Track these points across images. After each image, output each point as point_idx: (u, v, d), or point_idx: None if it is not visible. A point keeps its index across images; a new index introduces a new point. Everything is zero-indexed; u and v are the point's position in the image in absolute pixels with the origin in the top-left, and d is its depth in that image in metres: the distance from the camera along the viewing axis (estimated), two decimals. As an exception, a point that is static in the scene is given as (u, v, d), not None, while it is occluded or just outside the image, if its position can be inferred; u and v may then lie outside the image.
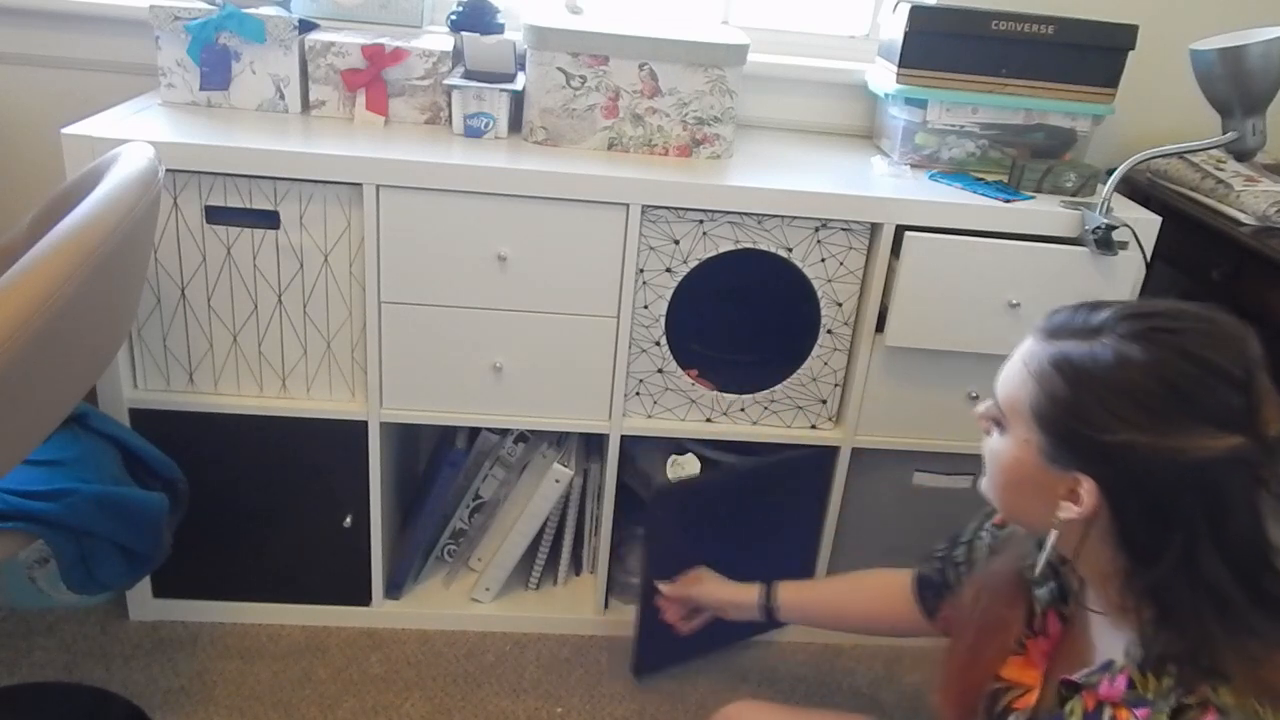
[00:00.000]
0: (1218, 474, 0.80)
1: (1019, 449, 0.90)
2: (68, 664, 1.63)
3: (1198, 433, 0.79)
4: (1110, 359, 0.82)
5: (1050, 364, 0.86)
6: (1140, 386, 0.81)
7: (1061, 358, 0.86)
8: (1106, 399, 0.82)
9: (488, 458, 1.78)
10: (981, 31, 1.63)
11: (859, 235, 1.56)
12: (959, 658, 1.07)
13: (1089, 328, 0.86)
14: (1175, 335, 0.82)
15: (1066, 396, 0.85)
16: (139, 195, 1.08)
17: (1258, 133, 1.44)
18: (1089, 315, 0.87)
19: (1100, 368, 0.83)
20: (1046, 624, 1.01)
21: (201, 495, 1.48)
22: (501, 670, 1.71)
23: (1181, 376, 0.80)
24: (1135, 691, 0.84)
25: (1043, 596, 1.02)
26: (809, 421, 1.70)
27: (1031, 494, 0.90)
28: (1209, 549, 0.81)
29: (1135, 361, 0.81)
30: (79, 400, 1.16)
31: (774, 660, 1.80)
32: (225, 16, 1.55)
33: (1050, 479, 0.87)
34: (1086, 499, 0.85)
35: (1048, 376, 0.86)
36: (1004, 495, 0.95)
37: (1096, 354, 0.83)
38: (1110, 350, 0.83)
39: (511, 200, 1.48)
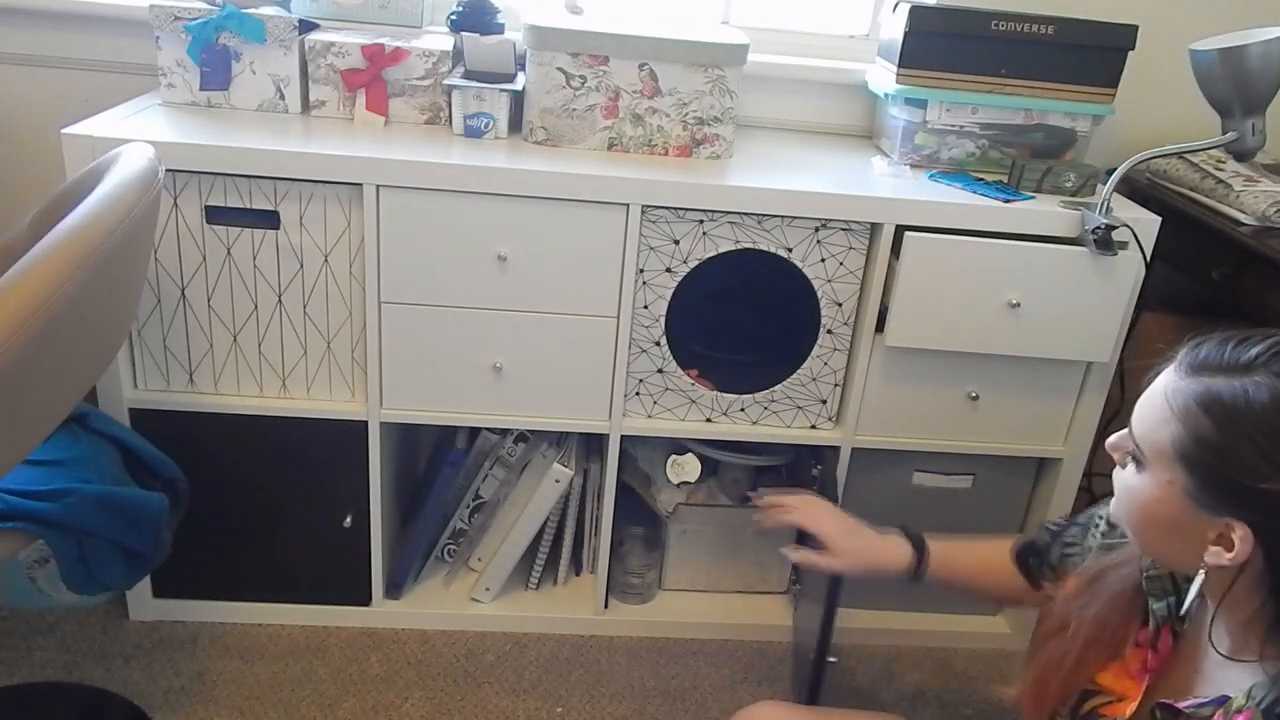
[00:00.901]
0: None
1: (1160, 490, 0.83)
2: (68, 664, 1.63)
3: None
4: (1266, 400, 0.76)
5: (1197, 403, 0.80)
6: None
7: (1210, 396, 0.79)
8: (1263, 444, 0.76)
9: (488, 458, 1.78)
10: (981, 31, 1.63)
11: (859, 235, 1.56)
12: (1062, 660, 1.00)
13: (1240, 364, 0.79)
14: None
15: (1216, 439, 0.78)
16: (139, 195, 1.08)
17: (1258, 133, 1.44)
18: (1239, 350, 0.80)
19: (1255, 409, 0.76)
20: (1158, 640, 0.96)
21: (201, 495, 1.48)
22: (501, 670, 1.72)
23: None
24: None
25: (1159, 611, 0.96)
26: (809, 421, 1.70)
27: (1175, 536, 0.84)
28: None
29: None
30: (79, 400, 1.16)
31: (774, 660, 1.80)
32: (225, 16, 1.55)
33: (1197, 523, 0.81)
34: (1240, 546, 0.78)
35: (1194, 416, 0.80)
36: (1142, 533, 0.89)
37: (1250, 394, 0.77)
38: (1266, 390, 0.76)
39: (511, 200, 1.48)
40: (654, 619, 1.83)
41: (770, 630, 1.85)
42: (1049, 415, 1.70)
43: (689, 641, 1.83)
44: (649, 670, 1.75)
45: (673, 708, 1.67)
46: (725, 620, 1.85)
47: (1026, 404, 1.68)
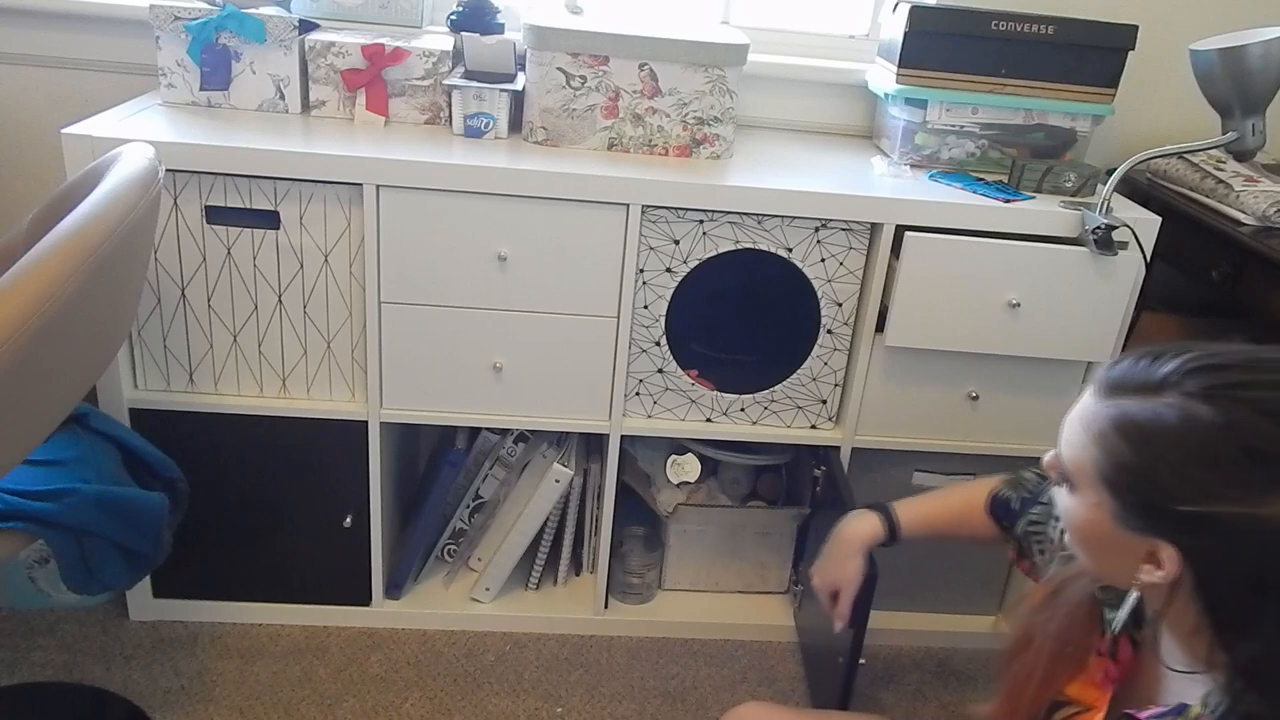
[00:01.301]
0: None
1: (1090, 511, 0.83)
2: (68, 664, 1.63)
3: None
4: (1176, 421, 0.75)
5: (1112, 427, 0.79)
6: (1215, 451, 0.74)
7: (1124, 419, 0.78)
8: (1178, 466, 0.75)
9: (488, 458, 1.78)
10: (981, 31, 1.63)
11: (859, 235, 1.56)
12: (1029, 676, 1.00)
13: (1151, 384, 0.78)
14: (1248, 390, 0.75)
15: (1133, 463, 0.78)
16: (139, 195, 1.08)
17: (1258, 133, 1.44)
18: (1151, 368, 0.79)
19: (1168, 431, 0.75)
20: (1118, 648, 0.96)
21: (201, 495, 1.49)
22: (501, 670, 1.72)
23: (1259, 438, 0.73)
24: None
25: (1115, 620, 0.96)
26: (809, 421, 1.70)
27: (1109, 555, 0.84)
28: None
29: (1206, 423, 0.74)
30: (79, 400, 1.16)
31: (774, 660, 1.80)
32: (225, 16, 1.55)
33: (1128, 543, 0.81)
34: (1168, 565, 0.78)
35: (1110, 440, 0.79)
36: (1081, 551, 0.89)
37: (1162, 415, 0.76)
38: (1177, 410, 0.75)
39: (511, 200, 1.48)
40: (654, 619, 1.83)
41: (770, 630, 1.85)
42: (1049, 415, 1.70)
43: (689, 641, 1.83)
44: (649, 670, 1.75)
45: (673, 708, 1.67)
46: (725, 620, 1.85)
47: (1026, 404, 1.68)
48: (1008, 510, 1.22)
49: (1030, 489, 1.21)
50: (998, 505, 1.23)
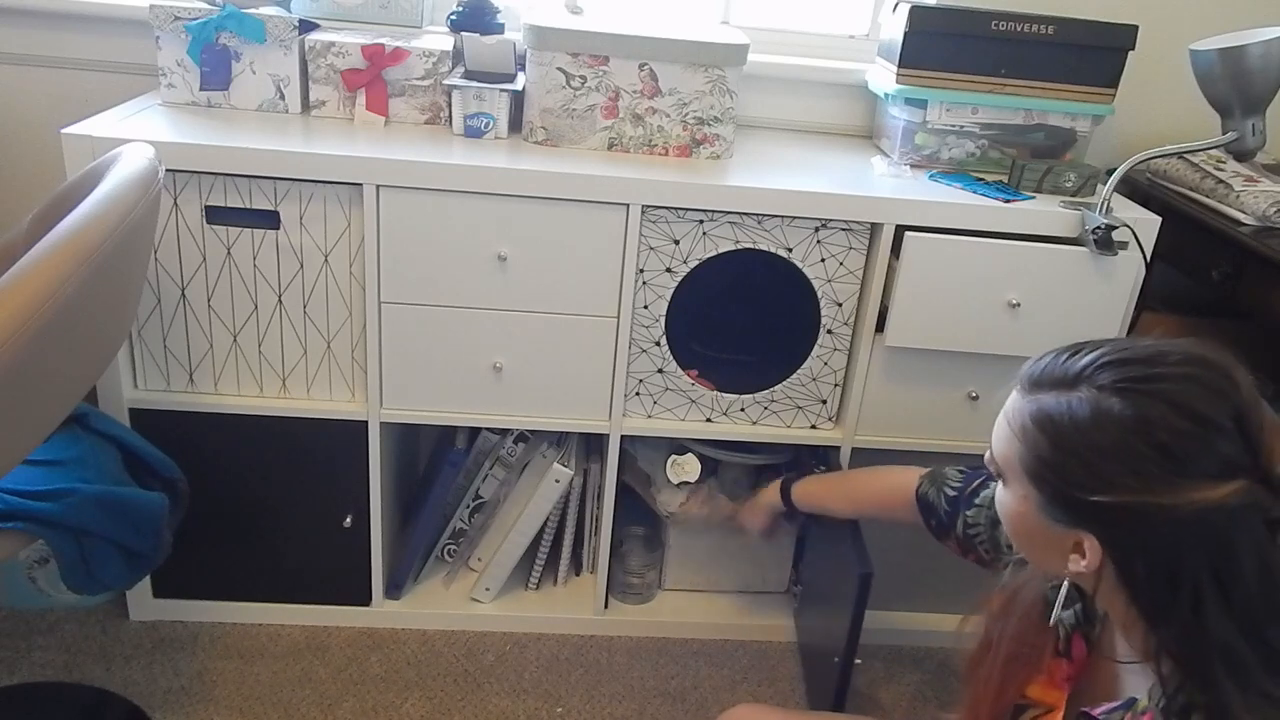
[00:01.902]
0: (1221, 522, 0.75)
1: (1019, 504, 0.87)
2: (68, 664, 1.63)
3: (1192, 486, 0.75)
4: (1087, 415, 0.78)
5: (1031, 421, 0.83)
6: (1123, 446, 0.77)
7: (1041, 414, 0.82)
8: (1089, 460, 0.78)
9: (488, 458, 1.78)
10: (981, 32, 1.63)
11: (859, 235, 1.56)
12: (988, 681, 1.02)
13: (1067, 378, 0.81)
14: (1156, 384, 0.78)
15: (1052, 456, 0.81)
16: (139, 195, 1.08)
17: (1258, 133, 1.44)
18: (1069, 362, 0.82)
19: (1079, 426, 0.79)
20: (1071, 647, 0.98)
21: (201, 495, 1.48)
22: (501, 670, 1.72)
23: (1167, 432, 0.76)
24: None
25: (1067, 619, 0.99)
26: (809, 421, 1.70)
27: (1040, 546, 0.88)
28: (1216, 606, 0.77)
29: (1115, 418, 0.77)
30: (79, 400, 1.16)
31: (774, 660, 1.80)
32: (225, 16, 1.55)
33: (1054, 534, 0.84)
34: (1090, 555, 0.81)
35: (1030, 434, 0.83)
36: (1018, 543, 0.93)
37: (1074, 409, 0.79)
38: (1088, 405, 0.79)
39: (511, 200, 1.48)
40: (654, 619, 1.84)
41: (770, 630, 1.85)
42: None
43: (689, 641, 1.83)
44: (649, 670, 1.75)
45: (673, 708, 1.67)
46: (725, 620, 1.85)
47: (1026, 404, 1.68)
48: (928, 506, 1.29)
49: (954, 486, 1.26)
50: (922, 501, 1.31)
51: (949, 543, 1.27)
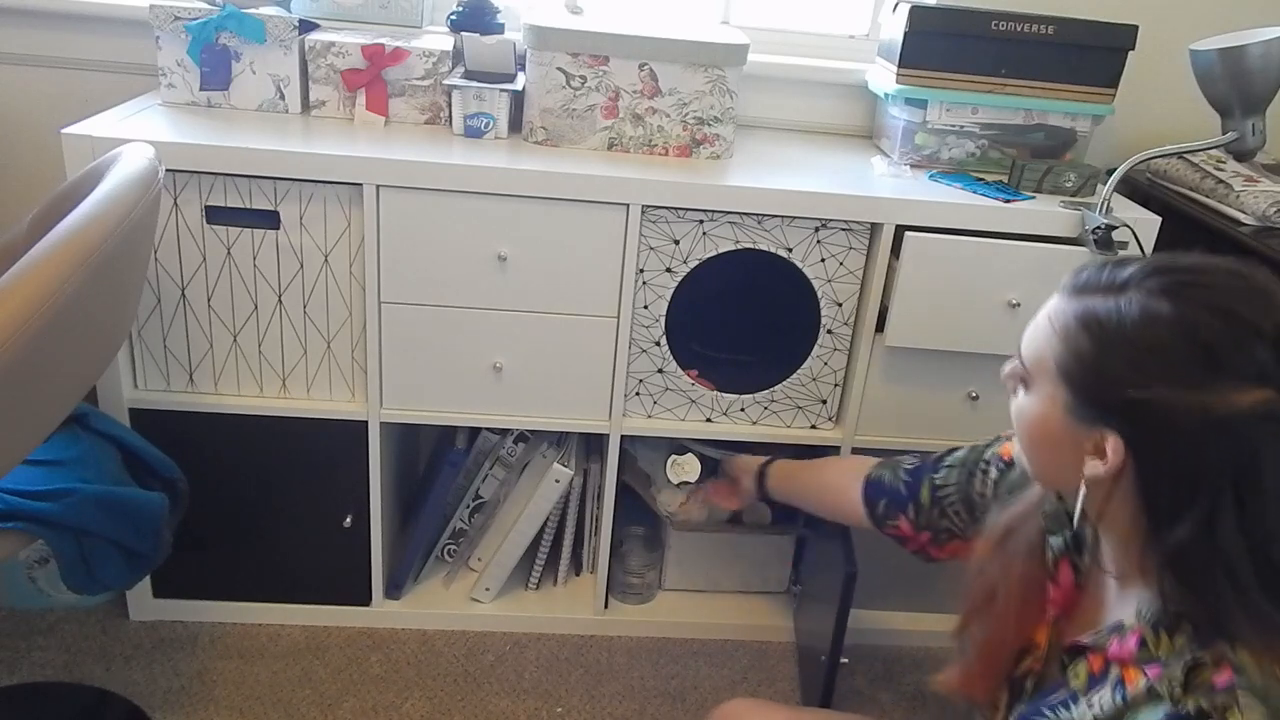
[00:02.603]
0: (1246, 430, 0.78)
1: (1044, 405, 0.90)
2: (68, 664, 1.63)
3: (1226, 388, 0.77)
4: (1137, 315, 0.81)
5: (1076, 320, 0.86)
6: (1167, 342, 0.80)
7: (1088, 314, 0.85)
8: (1133, 355, 0.81)
9: (488, 458, 1.78)
10: (981, 31, 1.63)
11: (859, 235, 1.56)
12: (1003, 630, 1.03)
13: (1115, 284, 0.85)
14: (1203, 290, 0.81)
15: (1092, 353, 0.84)
16: (139, 195, 1.08)
17: (1258, 133, 1.44)
18: (1115, 271, 0.86)
19: (1127, 324, 0.82)
20: (1058, 573, 1.00)
21: (201, 495, 1.48)
22: (501, 670, 1.72)
23: (1209, 331, 0.79)
24: (1146, 650, 0.84)
25: (1055, 545, 1.00)
26: (809, 421, 1.70)
27: (1057, 451, 0.90)
28: (1230, 516, 0.79)
29: (1162, 317, 0.80)
30: (79, 400, 1.17)
31: (774, 660, 1.80)
32: (225, 16, 1.55)
33: (1076, 435, 0.86)
34: (1112, 455, 0.83)
35: (1073, 333, 0.85)
36: (1031, 453, 0.95)
37: (1123, 310, 0.82)
38: (1137, 306, 0.82)
39: (511, 200, 1.48)
40: (654, 619, 1.84)
41: (770, 630, 1.85)
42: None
43: (689, 641, 1.83)
44: (649, 670, 1.75)
45: (673, 708, 1.67)
46: (725, 620, 1.85)
47: (1026, 404, 1.68)
48: (880, 488, 1.33)
49: (911, 462, 1.31)
50: (871, 486, 1.34)
51: (899, 521, 1.29)
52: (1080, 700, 0.87)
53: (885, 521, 1.32)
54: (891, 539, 1.32)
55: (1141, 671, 0.83)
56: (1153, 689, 0.81)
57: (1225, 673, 0.78)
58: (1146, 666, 0.82)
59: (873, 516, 1.33)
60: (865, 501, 1.34)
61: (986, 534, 1.08)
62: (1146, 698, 0.81)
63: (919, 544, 1.29)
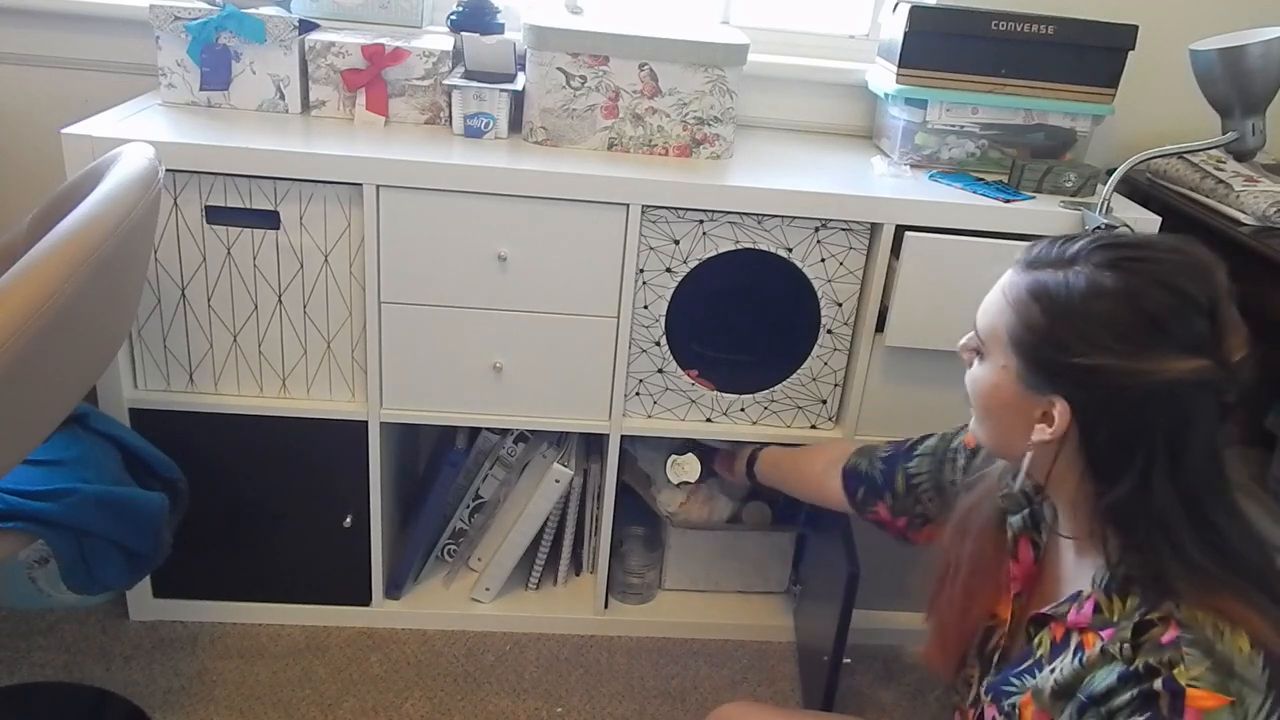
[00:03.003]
0: (1182, 395, 0.84)
1: (996, 375, 0.94)
2: (68, 664, 1.63)
3: (1166, 356, 0.83)
4: (1084, 287, 0.86)
5: (1027, 292, 0.90)
6: (1113, 313, 0.85)
7: (1038, 286, 0.89)
8: (1081, 325, 0.86)
9: (488, 458, 1.78)
10: (981, 32, 1.63)
11: (859, 235, 1.56)
12: (951, 604, 1.08)
13: (1064, 258, 0.89)
14: (1146, 264, 0.86)
15: (1042, 323, 0.88)
16: (139, 195, 1.08)
17: (1258, 133, 1.44)
18: (1064, 246, 0.91)
19: (1075, 295, 0.86)
20: (1017, 549, 1.04)
21: (201, 495, 1.48)
22: (501, 670, 1.72)
23: (1152, 303, 0.84)
24: (1101, 615, 0.88)
25: (1015, 523, 1.05)
26: (809, 421, 1.70)
27: (1008, 418, 0.94)
28: (1164, 472, 0.84)
29: (1108, 289, 0.85)
30: (79, 400, 1.17)
31: (774, 660, 1.80)
32: (225, 16, 1.55)
33: (1026, 403, 0.91)
34: (1059, 420, 0.88)
35: (1025, 305, 0.90)
36: (984, 421, 0.99)
37: (1071, 282, 0.87)
38: (1084, 279, 0.86)
39: (511, 200, 1.48)
40: (654, 619, 1.84)
41: (770, 630, 1.85)
42: (1049, 415, 1.69)
43: (689, 641, 1.83)
44: (649, 670, 1.75)
45: (673, 708, 1.67)
46: (725, 620, 1.85)
47: (1026, 404, 1.68)
48: (857, 476, 1.38)
49: (885, 451, 1.37)
50: (849, 475, 1.40)
51: (878, 508, 1.35)
52: (1044, 667, 0.91)
53: (865, 508, 1.37)
54: (872, 524, 1.38)
55: (1097, 635, 0.87)
56: (1105, 650, 0.85)
57: (1172, 629, 0.81)
58: (1101, 630, 0.86)
59: (853, 503, 1.39)
60: (845, 489, 1.39)
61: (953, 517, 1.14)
62: (1101, 659, 0.85)
63: (897, 529, 1.34)
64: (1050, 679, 0.89)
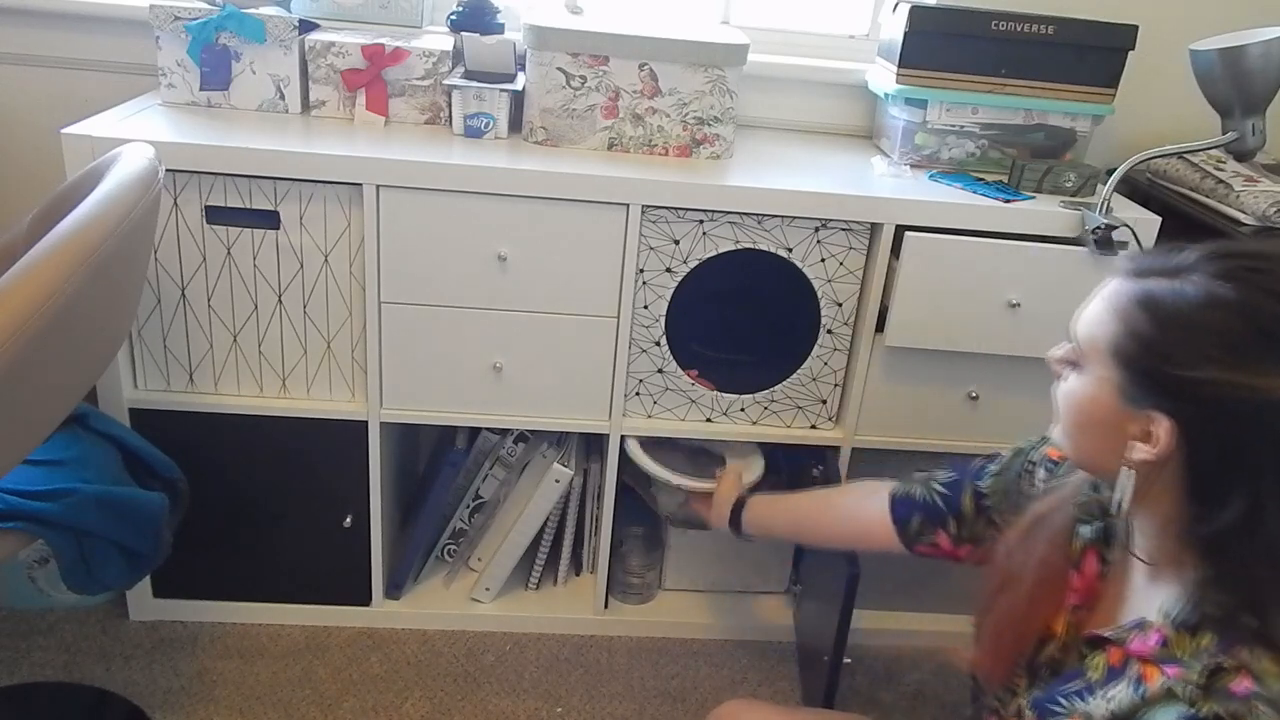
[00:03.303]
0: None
1: (1095, 387, 0.89)
2: (68, 664, 1.63)
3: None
4: (1199, 297, 0.81)
5: (1135, 301, 0.85)
6: (1227, 325, 0.80)
7: (1147, 295, 0.84)
8: (1192, 336, 0.81)
9: (488, 458, 1.78)
10: (981, 32, 1.63)
11: (859, 235, 1.56)
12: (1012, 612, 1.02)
13: (1177, 267, 0.84)
14: (1266, 275, 0.81)
15: (1151, 333, 0.83)
16: (139, 195, 1.08)
17: (1258, 133, 1.44)
18: (1176, 255, 0.86)
19: (1188, 305, 0.81)
20: (1083, 561, 0.99)
21: (201, 495, 1.48)
22: (501, 670, 1.72)
23: (1269, 317, 0.79)
24: (1168, 650, 0.83)
25: (1085, 534, 1.00)
26: (809, 421, 1.70)
27: (1103, 434, 0.89)
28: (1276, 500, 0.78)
29: (1223, 300, 0.80)
30: (79, 400, 1.17)
31: (774, 660, 1.80)
32: (225, 16, 1.55)
33: (1124, 418, 0.86)
34: (1162, 438, 0.83)
35: (1132, 314, 0.85)
36: (1075, 437, 0.94)
37: (1184, 292, 0.82)
38: (1199, 289, 0.81)
39: (511, 200, 1.48)
40: (654, 619, 1.84)
41: (770, 630, 1.85)
42: (1049, 415, 1.69)
43: (689, 641, 1.83)
44: (649, 670, 1.75)
45: (673, 708, 1.67)
46: (725, 620, 1.85)
47: (1026, 404, 1.68)
48: (911, 503, 1.25)
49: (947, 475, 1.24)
50: (900, 503, 1.26)
51: (937, 537, 1.23)
52: (1096, 692, 0.87)
53: (920, 538, 1.24)
54: (922, 557, 1.25)
55: (1160, 670, 0.82)
56: (1170, 689, 0.80)
57: (1245, 680, 0.77)
58: (1166, 665, 0.82)
59: (904, 534, 1.25)
60: (894, 519, 1.26)
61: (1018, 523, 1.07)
62: (1164, 697, 0.81)
63: (957, 558, 1.23)
64: (1105, 706, 0.85)
